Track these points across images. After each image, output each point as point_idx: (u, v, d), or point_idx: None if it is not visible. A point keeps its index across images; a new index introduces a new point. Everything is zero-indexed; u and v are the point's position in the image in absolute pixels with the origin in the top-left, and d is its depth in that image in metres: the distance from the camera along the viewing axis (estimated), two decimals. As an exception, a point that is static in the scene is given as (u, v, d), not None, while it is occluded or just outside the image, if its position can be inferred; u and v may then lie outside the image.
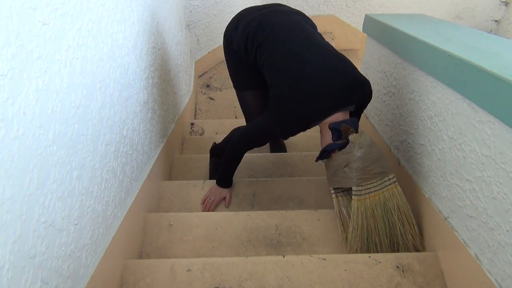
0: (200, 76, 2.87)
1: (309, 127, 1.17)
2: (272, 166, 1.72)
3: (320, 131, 1.21)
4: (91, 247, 0.88)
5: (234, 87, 1.55)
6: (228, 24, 1.43)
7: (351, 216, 1.16)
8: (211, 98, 2.73)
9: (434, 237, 1.12)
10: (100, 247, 0.94)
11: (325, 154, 1.18)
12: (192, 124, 2.28)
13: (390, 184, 1.14)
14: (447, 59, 1.01)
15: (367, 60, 1.79)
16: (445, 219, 1.05)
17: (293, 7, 1.54)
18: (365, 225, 1.15)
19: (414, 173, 1.26)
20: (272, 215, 1.30)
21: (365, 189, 1.13)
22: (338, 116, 1.13)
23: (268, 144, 1.96)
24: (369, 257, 1.10)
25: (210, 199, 1.41)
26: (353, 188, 1.13)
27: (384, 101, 1.54)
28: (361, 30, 1.82)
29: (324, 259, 1.10)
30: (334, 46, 1.27)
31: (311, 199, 1.47)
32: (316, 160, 1.22)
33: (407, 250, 1.16)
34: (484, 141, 0.88)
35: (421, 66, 1.19)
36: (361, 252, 1.16)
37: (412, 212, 1.22)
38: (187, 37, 2.38)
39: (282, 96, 1.15)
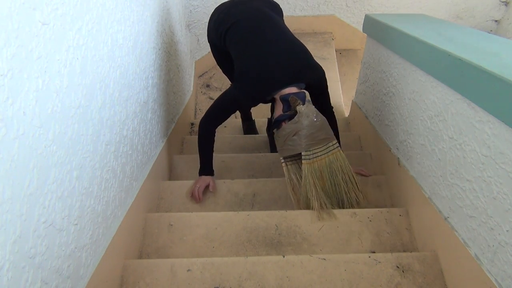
0: (200, 76, 2.87)
1: (267, 97, 1.34)
2: (272, 166, 1.72)
3: (275, 103, 1.36)
4: (91, 247, 0.88)
5: (224, 72, 1.83)
6: (207, 26, 1.65)
7: (303, 178, 1.29)
8: (211, 98, 2.73)
9: (434, 237, 1.12)
10: (100, 247, 0.94)
11: (277, 124, 1.32)
12: (192, 124, 2.28)
13: (334, 149, 1.30)
14: (447, 59, 1.01)
15: (367, 60, 1.79)
16: (445, 219, 1.05)
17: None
18: (316, 185, 1.29)
19: (414, 173, 1.26)
20: (272, 215, 1.30)
21: (312, 154, 1.28)
22: (290, 89, 1.30)
23: (268, 144, 1.97)
24: (369, 257, 1.10)
25: (196, 187, 1.45)
26: (303, 153, 1.27)
27: (384, 101, 1.54)
28: (361, 30, 1.82)
29: (324, 259, 1.10)
30: (333, 46, 1.37)
31: (311, 199, 1.46)
32: (270, 131, 1.36)
33: (351, 206, 1.33)
34: (484, 141, 0.88)
35: (421, 66, 1.19)
36: (325, 205, 1.30)
37: (412, 212, 1.22)
38: (187, 37, 2.38)
39: (245, 69, 1.33)
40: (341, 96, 2.67)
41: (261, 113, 2.13)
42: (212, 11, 1.63)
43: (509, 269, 0.80)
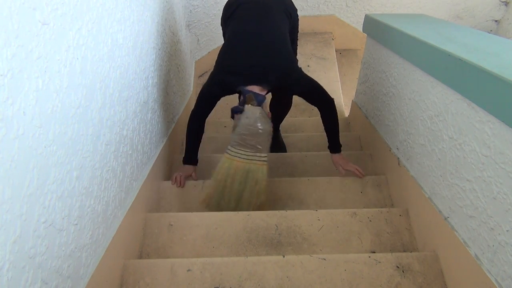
0: (200, 76, 2.87)
1: (234, 88, 1.35)
2: (272, 166, 1.72)
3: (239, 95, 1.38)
4: (91, 247, 0.88)
5: None
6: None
7: (216, 168, 1.34)
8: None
9: (434, 237, 1.12)
10: (100, 247, 0.94)
11: (232, 113, 1.36)
12: (192, 124, 2.27)
13: (259, 161, 1.32)
14: (447, 59, 1.01)
15: (367, 60, 1.79)
16: (445, 219, 1.05)
17: (297, 12, 1.59)
18: (223, 182, 1.32)
19: (414, 173, 1.26)
20: (272, 215, 1.30)
21: (236, 152, 1.31)
22: (254, 88, 1.30)
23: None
24: (369, 257, 1.10)
25: (179, 174, 1.49)
26: (228, 147, 1.32)
27: (384, 101, 1.54)
28: (361, 30, 1.82)
29: (324, 259, 1.10)
30: (333, 46, 1.37)
31: (311, 199, 1.47)
32: (232, 118, 1.38)
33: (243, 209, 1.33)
34: (484, 141, 0.88)
35: (421, 66, 1.19)
36: (208, 200, 1.36)
37: (412, 212, 1.22)
38: (187, 37, 2.38)
39: (220, 58, 1.36)
40: (341, 96, 2.67)
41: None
42: (212, 11, 1.63)
43: (509, 269, 0.80)
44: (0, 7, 0.54)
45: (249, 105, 1.28)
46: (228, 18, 1.47)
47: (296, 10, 1.58)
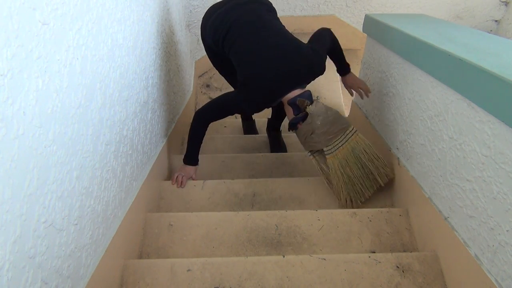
0: (200, 76, 2.87)
1: (272, 104, 1.38)
2: (272, 166, 1.72)
3: (284, 107, 1.39)
4: (91, 247, 0.88)
5: (221, 74, 1.82)
6: (200, 29, 1.62)
7: (330, 172, 1.35)
8: (211, 98, 2.72)
9: (434, 237, 1.12)
10: (100, 247, 0.94)
11: (292, 126, 1.37)
12: (192, 124, 2.28)
13: (352, 135, 1.34)
14: (447, 59, 1.01)
15: (367, 60, 1.79)
16: (445, 219, 1.05)
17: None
18: (344, 174, 1.34)
19: (414, 173, 1.26)
20: (272, 215, 1.30)
21: (333, 147, 1.32)
22: (295, 92, 1.32)
23: (268, 144, 1.97)
24: (369, 257, 1.10)
25: (180, 175, 1.49)
26: (324, 149, 1.32)
27: (384, 101, 1.54)
28: (361, 30, 1.82)
29: (324, 259, 1.10)
30: None
31: (311, 199, 1.47)
32: (289, 130, 1.39)
33: (383, 180, 1.37)
34: (484, 141, 0.88)
35: (421, 66, 1.19)
36: (351, 202, 1.37)
37: (412, 212, 1.22)
38: (187, 37, 2.38)
39: (248, 78, 1.33)
40: (341, 96, 2.67)
41: (261, 113, 2.12)
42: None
43: (509, 269, 0.80)
44: (0, 7, 0.54)
45: (309, 107, 1.30)
46: (224, 39, 1.42)
47: (270, 2, 1.59)
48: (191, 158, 1.51)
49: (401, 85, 1.36)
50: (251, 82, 1.32)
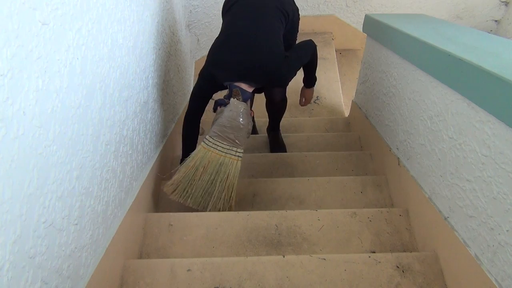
0: (200, 76, 2.86)
1: (221, 82, 1.34)
2: (272, 166, 1.72)
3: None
4: (91, 247, 0.88)
5: None
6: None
7: (190, 156, 1.32)
8: (211, 98, 2.72)
9: (434, 237, 1.12)
10: (100, 247, 0.94)
11: (215, 105, 1.36)
12: (192, 124, 2.27)
13: (234, 155, 1.31)
14: (447, 59, 1.01)
15: (367, 60, 1.79)
16: (445, 219, 1.05)
17: (298, 12, 1.58)
18: (194, 169, 1.30)
19: (414, 173, 1.26)
20: (272, 215, 1.30)
21: (213, 143, 1.30)
22: (241, 85, 1.31)
23: (268, 144, 1.97)
24: (369, 257, 1.10)
25: None
26: (206, 137, 1.31)
27: (384, 101, 1.54)
28: (361, 30, 1.82)
29: (324, 259, 1.10)
30: (333, 46, 1.36)
31: (311, 199, 1.47)
32: (214, 111, 1.38)
33: (212, 208, 1.32)
34: (484, 141, 0.88)
35: (421, 66, 1.19)
36: (174, 189, 1.33)
37: (412, 212, 1.22)
38: (187, 37, 2.38)
39: (210, 51, 1.35)
40: (341, 96, 2.67)
41: (261, 113, 2.13)
42: (212, 10, 1.62)
43: (509, 269, 0.80)
44: (0, 7, 0.54)
45: (235, 99, 1.29)
46: (226, 12, 1.47)
47: (297, 9, 1.56)
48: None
49: (401, 85, 1.36)
50: (209, 56, 1.35)
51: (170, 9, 1.82)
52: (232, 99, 1.29)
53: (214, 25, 2.65)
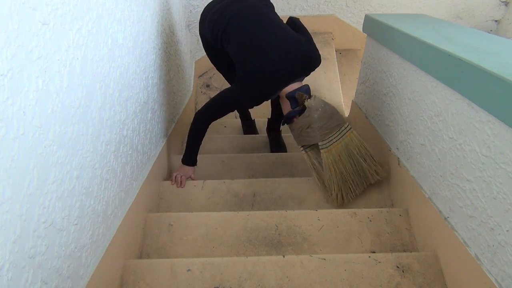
0: (200, 76, 2.87)
1: (271, 97, 1.38)
2: (272, 166, 1.72)
3: (280, 100, 1.42)
4: (91, 247, 0.88)
5: (218, 69, 1.85)
6: (199, 24, 1.63)
7: (323, 166, 1.35)
8: (211, 98, 2.72)
9: (434, 237, 1.12)
10: (100, 247, 0.94)
11: (288, 120, 1.38)
12: (192, 124, 2.27)
13: (347, 132, 1.35)
14: (447, 59, 1.01)
15: (367, 60, 1.79)
16: (445, 219, 1.05)
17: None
18: (337, 170, 1.35)
19: (414, 173, 1.26)
20: (272, 215, 1.30)
21: (328, 142, 1.33)
22: (293, 86, 1.34)
23: (268, 144, 1.97)
24: (369, 257, 1.10)
25: (179, 175, 1.49)
26: (319, 143, 1.32)
27: (384, 101, 1.54)
28: (361, 30, 1.82)
29: (324, 259, 1.10)
30: (333, 46, 1.39)
31: (311, 199, 1.47)
32: (282, 125, 1.40)
33: (373, 178, 1.39)
34: (484, 141, 0.88)
35: (421, 66, 1.19)
36: (341, 196, 1.37)
37: (412, 212, 1.22)
38: (187, 37, 2.38)
39: (247, 71, 1.34)
40: (341, 96, 2.67)
41: (261, 113, 2.13)
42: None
43: (509, 269, 0.80)
44: (0, 7, 0.54)
45: (307, 101, 1.31)
46: (222, 33, 1.43)
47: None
48: (190, 158, 1.51)
49: (401, 85, 1.36)
50: (250, 75, 1.33)
51: (170, 9, 1.82)
52: (306, 102, 1.31)
53: (214, 25, 2.65)
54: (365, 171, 1.38)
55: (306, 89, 1.33)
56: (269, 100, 1.72)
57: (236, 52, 1.40)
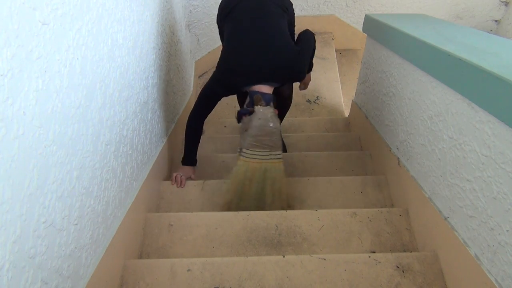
0: (200, 76, 2.87)
1: (239, 89, 1.37)
2: (272, 166, 1.72)
3: (248, 95, 1.38)
4: (91, 247, 0.88)
5: None
6: (218, 10, 1.59)
7: (233, 172, 1.33)
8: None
9: (434, 237, 1.12)
10: (100, 247, 0.94)
11: (238, 115, 1.36)
12: (192, 124, 2.27)
13: (275, 159, 1.32)
14: (447, 59, 1.01)
15: (367, 60, 1.79)
16: (445, 219, 1.05)
17: (293, 7, 1.57)
18: (241, 184, 1.33)
19: (414, 173, 1.26)
20: (272, 215, 1.30)
21: (251, 154, 1.30)
22: (261, 88, 1.32)
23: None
24: (369, 257, 1.10)
25: (179, 175, 1.50)
26: (243, 150, 1.31)
27: (384, 101, 1.54)
28: (361, 30, 1.82)
29: (324, 259, 1.10)
30: (333, 46, 1.37)
31: (311, 199, 1.47)
32: (238, 122, 1.37)
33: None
34: (484, 141, 0.88)
35: (421, 66, 1.19)
36: (227, 208, 1.36)
37: (412, 212, 1.22)
38: (187, 37, 2.38)
39: (223, 58, 1.36)
40: (341, 96, 2.67)
41: (261, 113, 2.12)
42: (212, 10, 1.61)
43: (509, 269, 0.80)
44: (0, 7, 0.54)
45: (259, 106, 1.28)
46: (226, 17, 1.46)
47: (291, 4, 1.57)
48: (189, 158, 1.51)
49: (401, 85, 1.36)
50: (223, 63, 1.35)
51: (170, 9, 1.82)
52: (256, 107, 1.28)
53: (214, 25, 2.65)
54: (265, 203, 1.35)
55: (267, 98, 1.30)
56: None
57: (225, 39, 1.41)
